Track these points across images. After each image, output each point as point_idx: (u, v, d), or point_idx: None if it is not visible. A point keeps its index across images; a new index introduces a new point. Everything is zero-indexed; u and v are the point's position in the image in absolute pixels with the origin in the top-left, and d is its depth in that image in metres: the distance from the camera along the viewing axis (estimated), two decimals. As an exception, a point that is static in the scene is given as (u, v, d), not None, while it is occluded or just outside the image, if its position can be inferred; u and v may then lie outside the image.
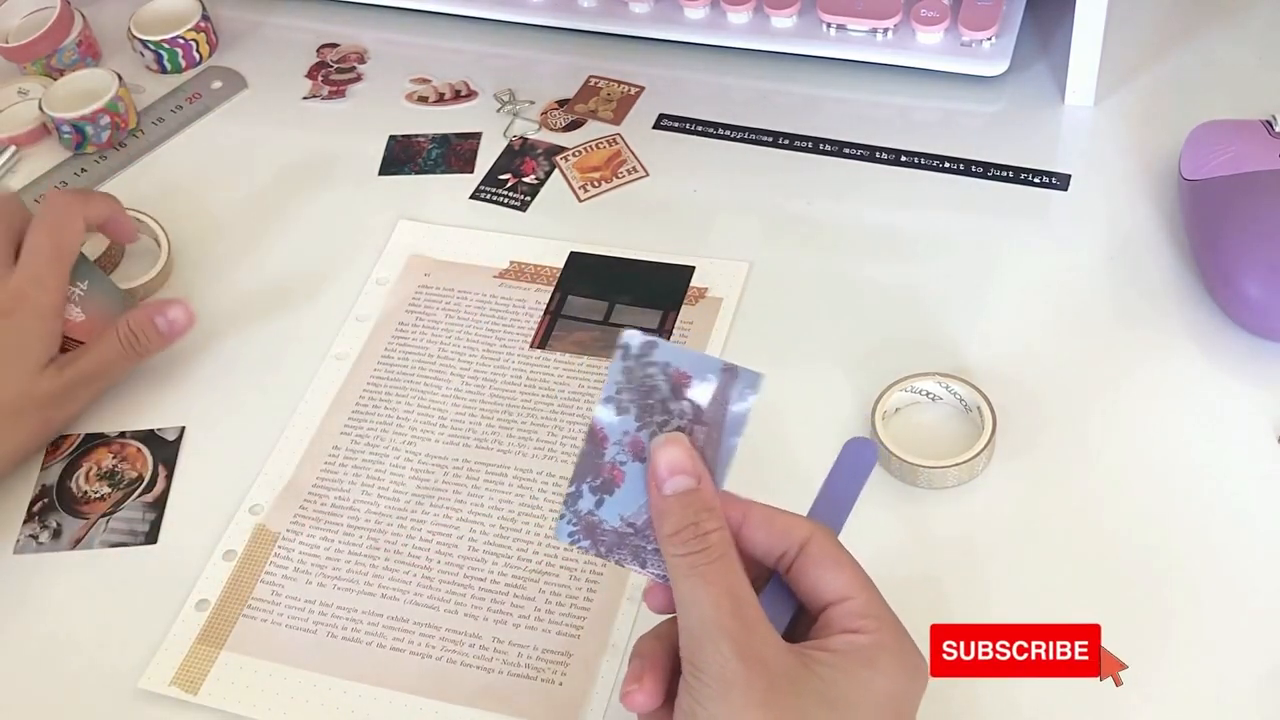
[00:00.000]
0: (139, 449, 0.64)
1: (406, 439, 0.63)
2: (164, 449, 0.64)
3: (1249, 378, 0.61)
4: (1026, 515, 0.57)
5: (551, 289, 0.69)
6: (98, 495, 0.63)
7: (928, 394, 0.61)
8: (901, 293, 0.67)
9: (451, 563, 0.58)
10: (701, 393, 0.45)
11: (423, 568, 0.58)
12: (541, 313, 0.68)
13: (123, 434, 0.65)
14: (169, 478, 0.63)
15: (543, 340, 0.67)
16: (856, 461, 0.47)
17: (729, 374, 0.45)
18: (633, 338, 0.45)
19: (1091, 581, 0.55)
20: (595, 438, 0.46)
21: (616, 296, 0.68)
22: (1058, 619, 0.54)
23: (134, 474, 0.63)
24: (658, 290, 0.68)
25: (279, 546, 0.60)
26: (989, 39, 0.75)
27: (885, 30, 0.76)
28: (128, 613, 0.58)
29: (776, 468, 0.60)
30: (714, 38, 0.79)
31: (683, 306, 0.67)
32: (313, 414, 0.64)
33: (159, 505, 0.62)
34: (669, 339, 0.65)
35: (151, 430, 0.65)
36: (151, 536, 0.61)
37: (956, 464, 0.58)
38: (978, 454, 0.58)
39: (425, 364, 0.66)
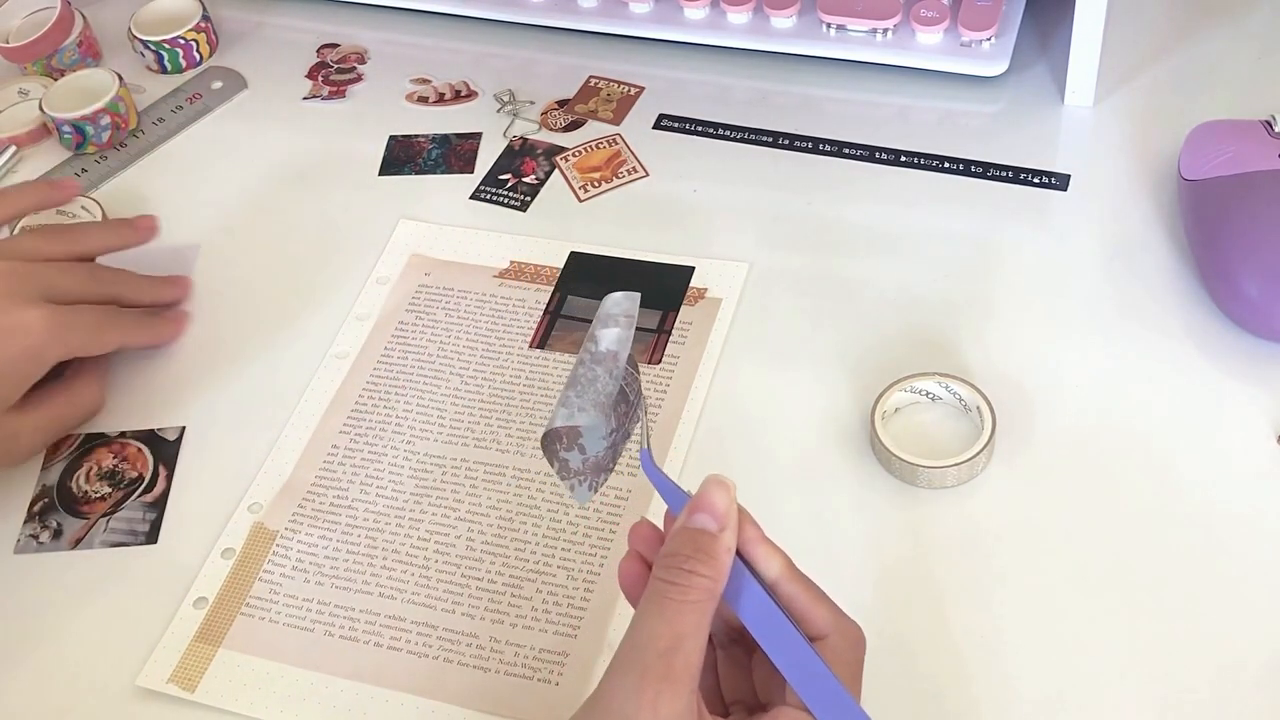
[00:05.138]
0: (139, 449, 0.64)
1: (405, 438, 0.63)
2: (164, 449, 0.64)
3: (1248, 378, 0.61)
4: (1026, 515, 0.57)
5: (551, 289, 0.69)
6: (98, 495, 0.63)
7: (928, 394, 0.61)
8: (901, 293, 0.67)
9: (449, 562, 0.58)
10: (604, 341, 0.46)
11: (420, 567, 0.58)
12: (541, 313, 0.68)
13: (123, 434, 0.65)
14: (169, 478, 0.63)
15: (542, 340, 0.67)
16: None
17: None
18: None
19: (1091, 581, 0.55)
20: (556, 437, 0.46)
21: (616, 296, 0.68)
22: (1056, 619, 0.54)
23: (134, 474, 0.63)
24: (657, 290, 0.68)
25: (277, 545, 0.59)
26: (988, 39, 0.75)
27: (885, 30, 0.76)
28: (126, 610, 0.58)
29: (777, 467, 0.60)
30: (714, 38, 0.79)
31: (682, 307, 0.67)
32: (312, 413, 0.64)
33: (159, 505, 0.62)
34: (668, 339, 0.65)
35: (152, 430, 0.65)
36: (151, 536, 0.61)
37: (956, 464, 0.57)
38: (978, 454, 0.58)
39: (425, 363, 0.66)
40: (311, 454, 0.63)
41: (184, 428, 0.65)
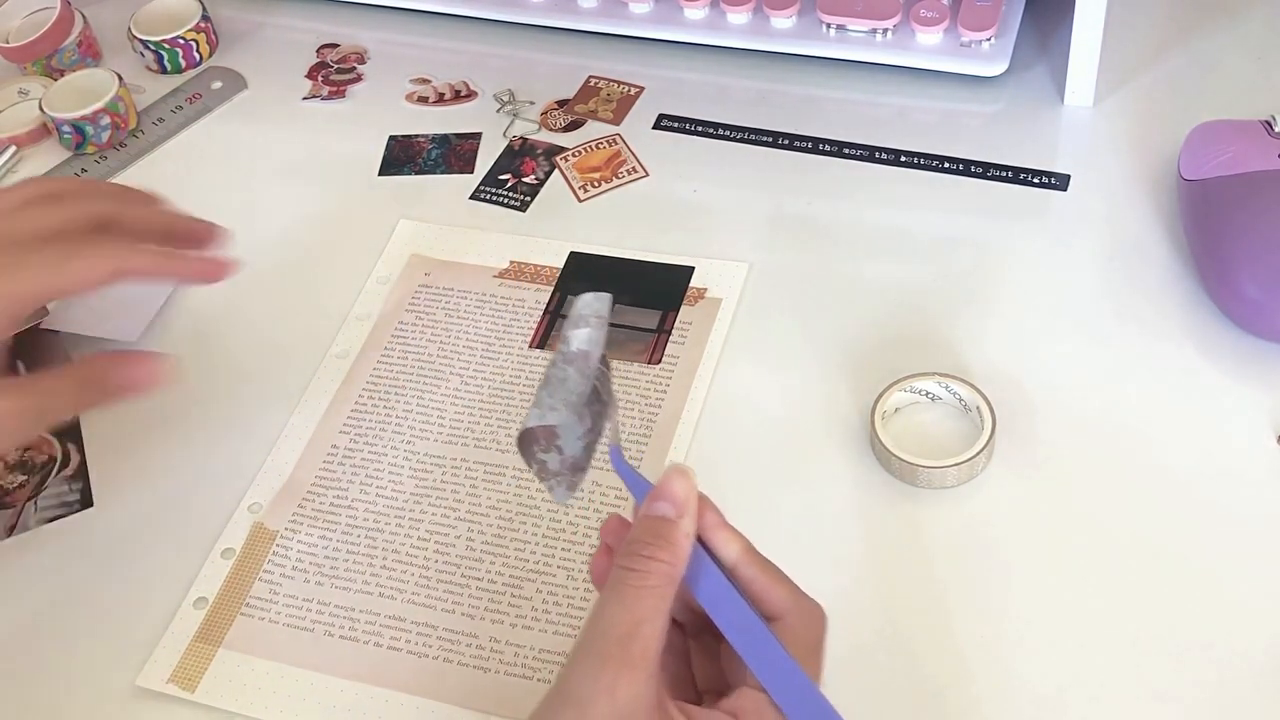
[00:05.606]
0: (42, 435, 0.65)
1: (405, 438, 0.63)
2: (65, 431, 0.65)
3: (1248, 378, 0.61)
4: (1026, 515, 0.57)
5: (551, 289, 0.69)
6: (16, 485, 0.63)
7: (927, 394, 0.61)
8: (901, 293, 0.67)
9: (449, 562, 0.58)
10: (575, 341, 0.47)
11: (420, 567, 0.58)
12: (541, 312, 0.68)
13: None
14: (81, 449, 0.64)
15: (542, 340, 0.67)
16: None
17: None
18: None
19: (1091, 581, 0.55)
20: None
21: (616, 296, 0.67)
22: (1056, 619, 0.54)
23: (44, 457, 0.64)
24: (657, 290, 0.68)
25: (277, 545, 0.60)
26: (988, 39, 0.75)
27: (885, 30, 0.76)
28: (126, 610, 0.58)
29: (777, 468, 0.60)
30: (714, 38, 0.79)
31: (682, 307, 0.67)
32: (312, 412, 0.64)
33: (81, 475, 0.63)
34: (668, 339, 0.65)
35: None
36: (86, 502, 0.62)
37: (956, 464, 0.57)
38: (977, 454, 0.58)
39: (424, 363, 0.66)
40: (311, 454, 0.63)
41: None
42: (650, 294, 0.68)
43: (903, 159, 0.74)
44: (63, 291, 0.55)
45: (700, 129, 0.77)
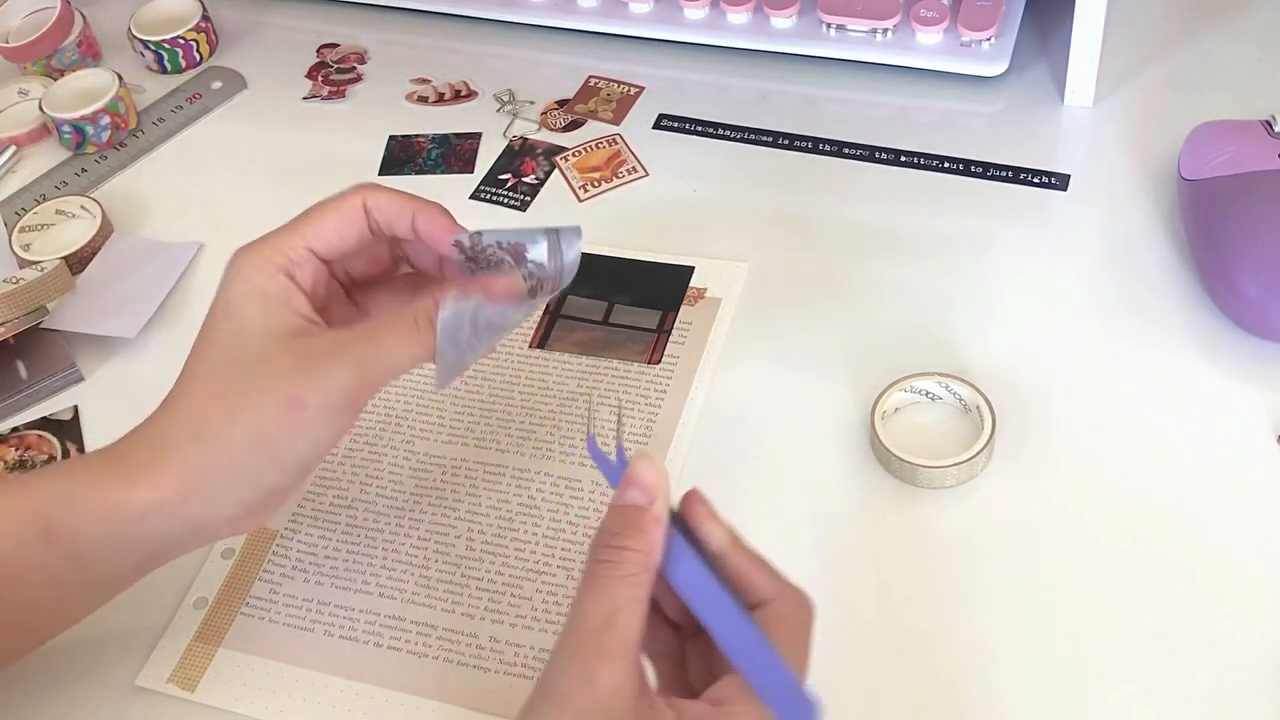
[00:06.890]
0: (40, 435, 0.65)
1: (405, 438, 0.63)
2: (64, 429, 0.65)
3: (1248, 377, 0.61)
4: (1025, 515, 0.57)
5: (551, 289, 0.69)
6: None
7: (927, 394, 0.61)
8: (901, 293, 0.67)
9: (449, 562, 0.58)
10: (539, 253, 0.51)
11: (420, 567, 0.58)
12: (541, 312, 0.68)
13: (16, 429, 0.65)
14: (81, 448, 0.64)
15: (542, 340, 0.66)
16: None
17: (553, 233, 0.51)
18: (460, 237, 0.51)
19: (1091, 581, 0.55)
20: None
21: (616, 296, 0.68)
22: (1056, 619, 0.54)
23: (44, 457, 0.64)
24: (657, 290, 0.68)
25: (277, 545, 0.60)
26: (988, 39, 0.75)
27: (885, 30, 0.76)
28: (125, 610, 0.58)
29: (777, 467, 0.60)
30: (714, 38, 0.79)
31: (682, 307, 0.67)
32: (311, 413, 0.64)
33: None
34: (668, 339, 0.65)
35: (44, 417, 0.66)
36: None
37: (956, 464, 0.57)
38: (977, 454, 0.58)
39: (424, 363, 0.66)
40: (311, 454, 0.63)
41: (76, 406, 0.66)
42: (650, 294, 0.68)
43: (903, 159, 0.74)
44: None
45: (700, 129, 0.77)
